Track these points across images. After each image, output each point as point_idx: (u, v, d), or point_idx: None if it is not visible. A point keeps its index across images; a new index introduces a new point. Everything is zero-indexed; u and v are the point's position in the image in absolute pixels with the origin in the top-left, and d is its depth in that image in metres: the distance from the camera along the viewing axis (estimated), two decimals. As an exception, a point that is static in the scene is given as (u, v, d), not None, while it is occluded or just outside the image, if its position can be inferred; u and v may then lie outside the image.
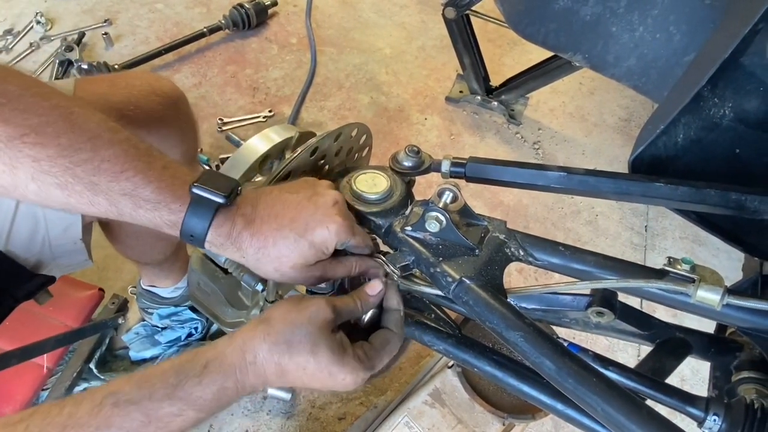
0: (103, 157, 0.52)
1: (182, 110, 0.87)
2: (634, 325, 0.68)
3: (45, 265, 0.79)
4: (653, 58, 0.91)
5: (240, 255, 0.57)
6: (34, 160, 0.50)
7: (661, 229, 1.75)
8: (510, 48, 2.22)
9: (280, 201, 0.59)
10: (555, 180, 0.69)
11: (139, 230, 0.95)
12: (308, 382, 0.53)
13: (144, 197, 0.53)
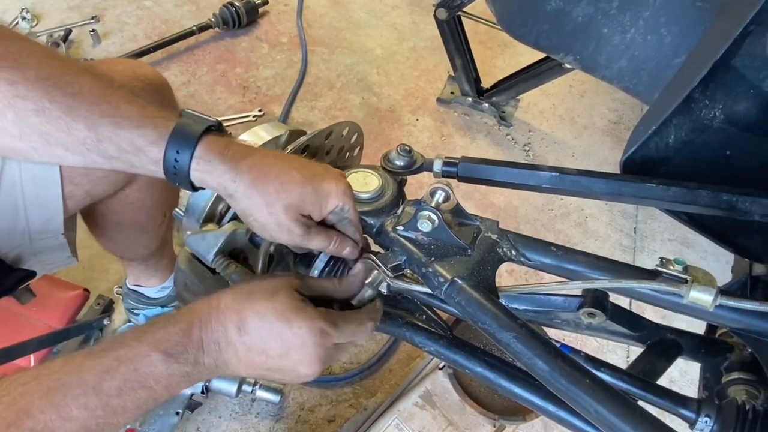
0: (83, 83, 0.51)
1: (166, 97, 0.86)
2: (625, 326, 0.68)
3: (26, 260, 0.77)
4: (644, 60, 0.92)
5: (231, 178, 0.53)
6: (11, 84, 0.49)
7: (650, 231, 1.76)
8: (501, 50, 2.23)
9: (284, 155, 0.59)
10: (547, 180, 0.69)
11: (122, 220, 0.93)
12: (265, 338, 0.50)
13: (126, 116, 0.51)
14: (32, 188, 0.71)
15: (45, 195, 0.71)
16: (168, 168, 0.53)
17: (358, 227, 0.63)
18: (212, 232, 0.64)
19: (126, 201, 0.88)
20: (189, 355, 0.49)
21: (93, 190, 0.76)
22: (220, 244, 0.63)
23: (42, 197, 0.72)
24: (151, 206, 0.93)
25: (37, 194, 0.71)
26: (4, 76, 0.49)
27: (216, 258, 0.63)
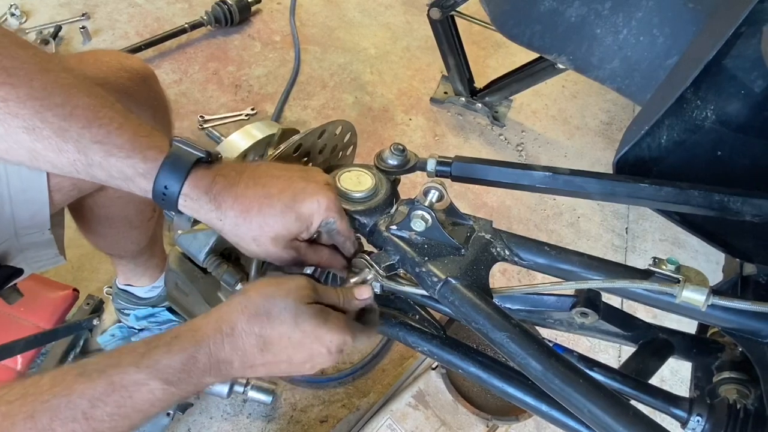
0: (76, 104, 0.50)
1: (153, 88, 0.85)
2: (617, 325, 0.68)
3: (12, 257, 0.76)
4: (637, 61, 0.92)
5: (217, 217, 0.54)
6: (2, 101, 0.48)
7: (641, 231, 1.77)
8: (494, 50, 2.23)
9: (267, 174, 0.57)
10: (540, 180, 0.69)
11: (110, 215, 0.92)
12: (292, 354, 0.51)
13: (117, 145, 0.50)
14: (17, 181, 0.70)
15: (31, 187, 0.70)
16: (156, 198, 0.53)
17: (348, 235, 0.62)
18: (204, 231, 0.63)
19: (115, 195, 0.87)
20: (192, 379, 0.48)
21: (80, 182, 0.75)
22: (211, 243, 0.63)
23: (28, 190, 0.70)
24: (140, 201, 0.92)
25: (23, 187, 0.70)
26: None
27: (207, 257, 0.63)
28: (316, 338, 0.51)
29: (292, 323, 0.50)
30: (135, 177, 0.52)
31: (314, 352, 0.51)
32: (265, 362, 0.51)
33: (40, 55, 0.51)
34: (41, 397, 0.42)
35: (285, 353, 0.51)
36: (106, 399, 0.43)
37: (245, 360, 0.50)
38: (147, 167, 0.51)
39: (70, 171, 0.52)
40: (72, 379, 0.44)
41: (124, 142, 0.51)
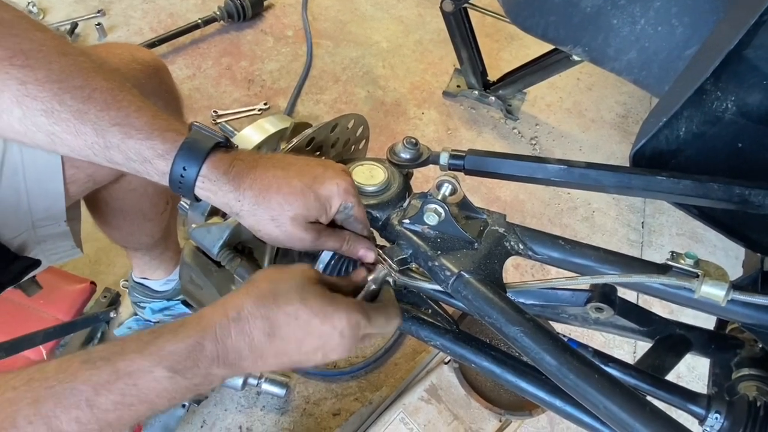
0: (95, 87, 0.50)
1: (164, 80, 0.85)
2: (633, 321, 0.67)
3: (30, 248, 0.77)
4: (654, 51, 0.90)
5: (235, 198, 0.53)
6: (21, 83, 0.48)
7: (658, 225, 1.75)
8: (508, 42, 2.21)
9: (285, 160, 0.57)
10: (555, 173, 0.68)
11: (124, 207, 0.93)
12: (302, 338, 0.48)
13: (136, 127, 0.50)
14: (34, 173, 0.71)
15: (47, 179, 0.71)
16: (173, 181, 0.52)
17: (365, 223, 0.62)
18: (217, 225, 0.64)
19: (129, 188, 0.88)
20: (200, 369, 0.46)
21: (95, 173, 0.76)
22: (225, 237, 0.63)
23: (44, 182, 0.71)
24: (154, 193, 0.93)
25: (39, 179, 0.71)
26: (14, 74, 0.48)
27: (221, 251, 0.63)
28: (324, 317, 0.48)
29: (299, 302, 0.48)
30: (153, 158, 0.51)
31: (324, 335, 0.49)
32: (275, 351, 0.49)
33: (58, 39, 0.52)
34: (46, 383, 0.42)
35: (294, 338, 0.48)
36: (111, 387, 0.43)
37: (254, 347, 0.48)
38: (166, 148, 0.51)
39: (88, 154, 0.52)
40: (77, 366, 0.43)
41: (142, 125, 0.51)
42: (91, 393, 0.42)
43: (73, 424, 0.41)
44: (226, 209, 0.55)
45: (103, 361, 0.43)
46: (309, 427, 1.23)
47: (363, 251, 0.61)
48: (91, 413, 0.41)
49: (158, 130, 0.51)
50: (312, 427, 1.23)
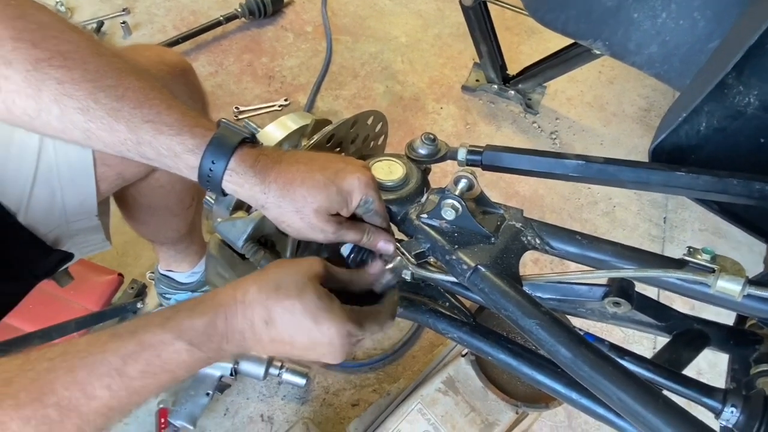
0: (128, 86, 0.53)
1: (191, 81, 0.88)
2: (651, 315, 0.68)
3: (64, 242, 0.81)
4: (676, 45, 0.89)
5: (261, 191, 0.56)
6: (59, 83, 0.51)
7: (680, 220, 1.72)
8: (528, 36, 2.19)
9: (307, 156, 0.60)
10: (573, 168, 0.68)
11: (152, 204, 0.96)
12: (293, 334, 0.51)
13: (167, 123, 0.53)
14: (67, 170, 0.74)
15: (79, 177, 0.75)
16: (202, 175, 0.55)
17: (385, 216, 0.64)
18: (242, 219, 0.66)
19: (156, 185, 0.92)
20: (213, 344, 0.50)
21: (125, 171, 0.80)
22: (249, 230, 0.65)
23: (76, 179, 0.75)
24: (180, 190, 0.96)
25: (72, 176, 0.74)
26: (53, 74, 0.51)
27: (245, 244, 0.65)
28: (315, 321, 0.50)
29: (296, 297, 0.50)
30: (183, 153, 0.54)
31: (314, 337, 0.51)
32: (271, 339, 0.51)
33: (92, 40, 0.54)
34: (79, 354, 0.45)
35: (287, 331, 0.51)
36: (137, 357, 0.46)
37: (254, 331, 0.51)
38: (195, 143, 0.54)
39: (121, 150, 0.55)
40: (105, 339, 0.47)
41: (173, 121, 0.53)
42: (119, 363, 0.45)
43: (105, 391, 0.44)
44: (252, 202, 0.58)
45: (130, 335, 0.47)
46: (328, 416, 1.26)
47: (382, 243, 0.63)
48: (121, 381, 0.45)
49: (188, 127, 0.54)
50: (331, 416, 1.25)
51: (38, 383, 0.43)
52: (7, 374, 0.43)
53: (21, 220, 0.74)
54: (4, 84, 0.51)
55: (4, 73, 0.50)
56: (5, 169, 0.71)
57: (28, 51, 0.50)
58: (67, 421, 0.43)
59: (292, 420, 1.23)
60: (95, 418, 0.45)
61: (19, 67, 0.50)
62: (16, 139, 0.71)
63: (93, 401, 0.44)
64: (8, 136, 0.71)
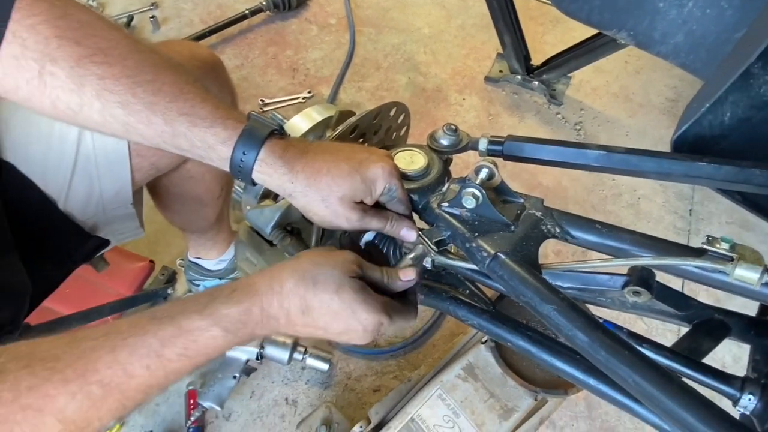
0: (164, 80, 0.56)
1: (220, 75, 0.91)
2: (671, 305, 0.68)
3: (101, 229, 0.85)
4: (702, 35, 0.88)
5: (289, 180, 0.58)
6: (100, 78, 0.54)
7: (706, 213, 1.70)
8: (552, 26, 2.17)
9: (333, 146, 0.62)
10: (594, 159, 0.69)
11: (183, 193, 1.00)
12: (329, 322, 0.54)
13: (201, 116, 0.56)
14: (105, 161, 0.78)
15: (116, 167, 0.79)
16: (234, 166, 0.58)
17: (407, 204, 0.66)
18: (270, 207, 0.69)
19: (187, 175, 0.95)
20: (247, 329, 0.52)
21: (158, 162, 0.83)
22: (276, 218, 0.68)
23: (113, 169, 0.79)
24: (210, 180, 1.00)
25: (109, 167, 0.78)
26: (94, 70, 0.54)
27: (273, 231, 0.68)
28: (352, 312, 0.54)
29: (334, 293, 0.53)
30: (216, 145, 0.57)
31: (350, 326, 0.55)
32: (305, 324, 0.55)
33: (130, 37, 0.58)
34: (120, 336, 0.48)
35: (323, 320, 0.54)
36: (175, 341, 0.49)
37: (289, 318, 0.54)
38: (228, 134, 0.56)
39: (157, 142, 0.58)
40: (145, 322, 0.49)
41: (207, 114, 0.56)
42: (158, 345, 0.48)
43: (144, 370, 0.47)
44: (280, 191, 0.60)
45: (169, 319, 0.50)
46: (350, 401, 1.29)
47: (405, 230, 0.65)
48: (159, 362, 0.48)
49: (220, 119, 0.57)
50: (353, 401, 1.29)
51: (83, 361, 0.46)
52: (56, 351, 0.46)
53: (61, 208, 0.79)
54: (50, 80, 0.54)
55: (50, 70, 0.54)
56: (47, 159, 0.75)
57: (71, 48, 0.53)
58: (108, 397, 0.46)
59: (316, 404, 1.27)
60: (135, 395, 0.48)
61: (64, 64, 0.53)
62: (57, 131, 0.75)
63: (133, 379, 0.47)
64: (49, 128, 0.75)
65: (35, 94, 0.55)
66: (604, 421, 1.30)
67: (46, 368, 0.44)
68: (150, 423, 1.26)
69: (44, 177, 0.75)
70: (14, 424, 0.42)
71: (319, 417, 1.14)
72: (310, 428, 1.13)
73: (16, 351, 0.45)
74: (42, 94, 0.54)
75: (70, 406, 0.44)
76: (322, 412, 1.15)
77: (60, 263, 0.85)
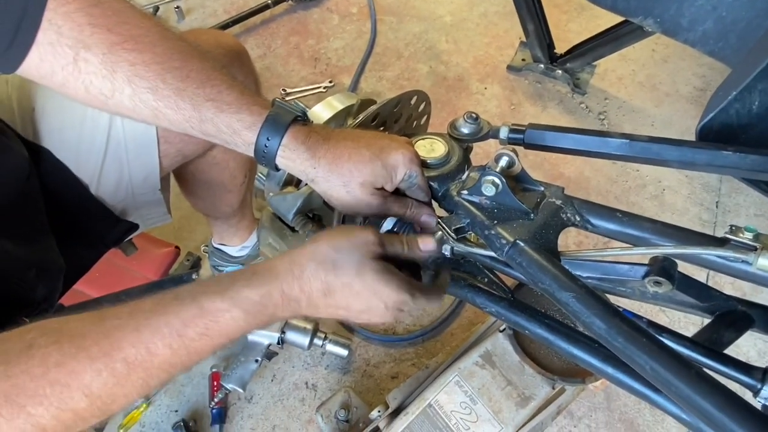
0: (192, 67, 0.58)
1: (245, 63, 0.93)
2: (693, 296, 0.67)
3: (130, 213, 0.88)
4: (733, 21, 0.86)
5: (312, 165, 0.59)
6: (131, 64, 0.56)
7: (733, 205, 1.66)
8: (577, 13, 2.13)
9: (355, 133, 0.63)
10: (617, 147, 0.68)
11: (208, 180, 1.03)
12: (351, 302, 0.55)
13: (227, 102, 0.58)
14: (134, 147, 0.80)
15: (144, 153, 0.81)
16: (258, 150, 0.59)
17: (427, 191, 0.67)
18: (292, 194, 0.70)
19: (213, 162, 0.98)
20: (267, 312, 0.53)
21: (184, 149, 0.86)
22: (298, 204, 0.69)
23: (142, 155, 0.81)
24: (234, 167, 1.03)
25: (138, 152, 0.81)
26: (125, 57, 0.56)
27: (295, 217, 0.69)
28: (374, 292, 0.54)
29: (355, 275, 0.54)
30: (241, 130, 0.58)
31: (372, 305, 0.55)
32: (327, 305, 0.55)
33: (160, 25, 0.60)
34: (144, 315, 0.49)
35: (345, 300, 0.55)
36: (197, 321, 0.50)
37: (311, 300, 0.55)
38: (253, 120, 0.58)
39: (185, 127, 0.59)
40: (168, 302, 0.51)
41: (233, 100, 0.58)
42: (180, 325, 0.49)
43: (167, 349, 0.49)
44: (302, 176, 0.61)
45: (191, 299, 0.51)
46: (369, 386, 1.31)
47: (425, 217, 0.66)
48: (181, 341, 0.49)
49: (246, 105, 0.58)
50: (371, 387, 1.31)
51: (109, 339, 0.47)
52: (83, 329, 0.48)
53: (93, 193, 0.82)
54: (83, 66, 0.56)
55: (83, 56, 0.56)
56: (80, 145, 0.78)
57: (104, 35, 0.55)
58: (132, 375, 0.47)
59: (335, 388, 1.30)
60: (158, 373, 0.49)
61: (97, 50, 0.56)
62: (89, 118, 0.78)
63: (156, 358, 0.48)
64: (82, 115, 0.78)
65: (70, 80, 0.57)
66: (623, 413, 1.29)
67: (73, 345, 0.46)
68: (175, 403, 1.31)
69: (77, 162, 0.78)
70: (43, 398, 0.43)
71: (338, 401, 1.16)
72: (330, 412, 1.15)
73: (45, 327, 0.47)
74: (76, 79, 0.57)
75: (95, 383, 0.45)
76: (341, 396, 1.17)
77: (92, 246, 0.89)
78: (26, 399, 0.43)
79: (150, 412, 1.29)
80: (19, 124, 0.76)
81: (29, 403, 0.43)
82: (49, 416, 0.44)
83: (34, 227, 0.74)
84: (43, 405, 0.43)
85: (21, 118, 0.76)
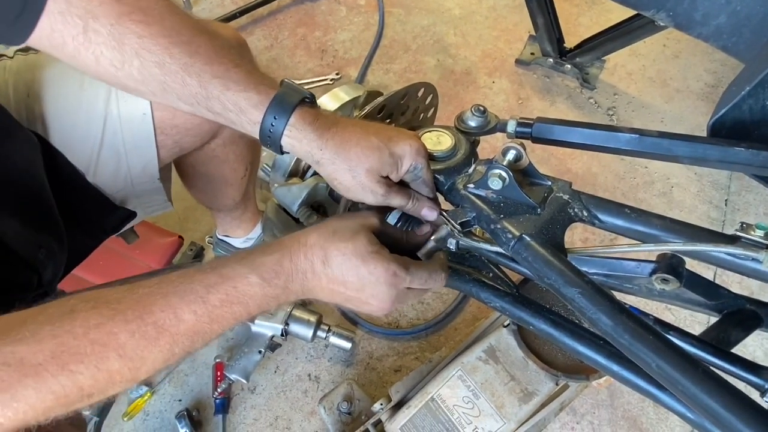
0: (200, 43, 0.58)
1: (245, 55, 0.92)
2: (700, 294, 0.66)
3: (129, 201, 0.88)
4: (747, 15, 0.84)
5: (318, 146, 0.59)
6: (139, 37, 0.56)
7: (743, 203, 1.64)
8: (588, 7, 2.10)
9: (362, 123, 0.64)
10: (625, 142, 0.67)
11: (208, 172, 1.03)
12: (345, 273, 0.57)
13: (234, 80, 0.58)
14: (131, 137, 0.80)
15: (141, 143, 0.81)
16: (264, 131, 0.59)
17: (431, 186, 0.66)
18: (297, 185, 0.70)
19: (212, 155, 0.98)
20: (280, 281, 0.56)
21: (181, 140, 0.86)
22: (303, 196, 0.69)
23: (139, 145, 0.81)
24: (234, 160, 1.02)
25: (135, 143, 0.81)
26: (133, 29, 0.56)
27: (300, 209, 0.69)
28: (363, 261, 0.56)
29: (349, 240, 0.57)
30: (248, 109, 0.58)
31: (363, 277, 0.57)
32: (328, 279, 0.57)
33: (170, 2, 0.59)
34: (171, 284, 0.52)
35: (340, 272, 0.57)
36: (218, 287, 0.53)
37: (314, 272, 0.57)
38: (260, 98, 0.58)
39: (192, 103, 0.59)
40: (192, 273, 0.54)
41: (240, 78, 0.58)
42: (204, 291, 0.52)
43: (192, 315, 0.51)
44: (308, 157, 0.61)
45: (212, 269, 0.54)
46: (371, 379, 1.31)
47: (426, 210, 0.66)
48: (204, 307, 0.52)
49: (253, 84, 0.58)
50: (374, 380, 1.31)
51: (141, 304, 0.50)
52: (118, 295, 0.51)
53: (90, 180, 0.82)
54: (93, 37, 0.56)
55: (92, 27, 0.55)
56: (74, 130, 0.78)
57: (111, 6, 0.55)
58: (161, 338, 0.50)
59: (338, 381, 1.30)
60: (182, 340, 0.52)
61: (104, 21, 0.55)
62: (84, 106, 0.78)
63: (182, 324, 0.51)
64: (76, 102, 0.78)
65: (80, 50, 0.57)
66: (626, 410, 1.29)
67: (110, 309, 0.49)
68: (179, 393, 1.31)
69: (72, 149, 0.78)
70: (84, 356, 0.46)
71: (341, 393, 1.16)
72: (332, 404, 1.15)
73: (84, 295, 0.50)
74: (87, 50, 0.57)
75: (129, 344, 0.48)
76: (344, 388, 1.17)
77: (90, 232, 0.89)
78: (69, 357, 0.46)
79: (154, 401, 1.30)
80: (14, 108, 0.76)
81: (72, 360, 0.46)
82: (88, 374, 0.47)
83: (42, 209, 0.74)
84: (83, 363, 0.46)
85: (15, 102, 0.76)
